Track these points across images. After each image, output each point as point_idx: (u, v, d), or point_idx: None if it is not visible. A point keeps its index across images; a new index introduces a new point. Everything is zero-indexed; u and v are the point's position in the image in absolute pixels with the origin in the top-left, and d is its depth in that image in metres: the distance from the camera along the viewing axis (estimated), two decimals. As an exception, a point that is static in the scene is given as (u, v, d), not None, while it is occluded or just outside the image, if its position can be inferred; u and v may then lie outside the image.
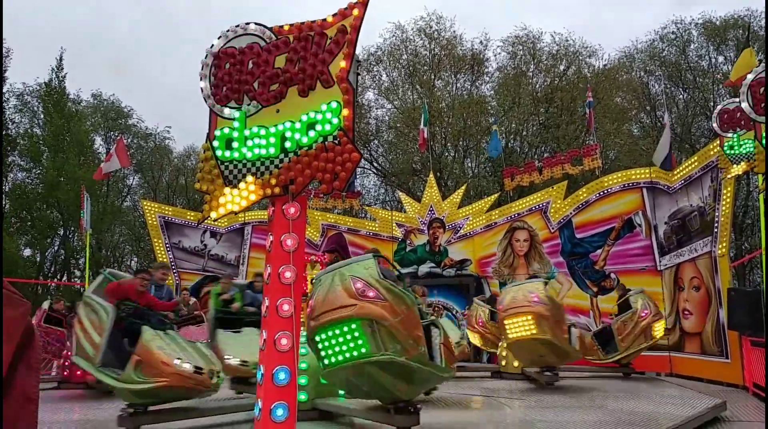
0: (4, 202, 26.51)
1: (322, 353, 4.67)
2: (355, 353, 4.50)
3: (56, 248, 28.77)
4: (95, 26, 49.63)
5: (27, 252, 27.77)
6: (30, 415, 0.89)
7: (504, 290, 9.34)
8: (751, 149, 7.58)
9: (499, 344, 9.93)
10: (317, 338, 4.66)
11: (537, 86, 24.91)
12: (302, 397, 5.38)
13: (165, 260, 13.78)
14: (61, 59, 28.00)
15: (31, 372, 0.91)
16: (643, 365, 10.82)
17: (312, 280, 5.53)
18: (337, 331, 4.54)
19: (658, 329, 9.51)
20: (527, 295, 8.14)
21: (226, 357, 6.46)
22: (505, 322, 8.27)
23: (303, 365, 5.11)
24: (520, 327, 8.04)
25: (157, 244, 14.00)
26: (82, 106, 30.20)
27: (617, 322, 9.65)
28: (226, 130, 4.10)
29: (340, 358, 4.57)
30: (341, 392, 5.71)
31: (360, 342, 4.48)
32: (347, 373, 4.71)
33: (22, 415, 0.87)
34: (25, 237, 26.87)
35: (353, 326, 4.49)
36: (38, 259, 28.05)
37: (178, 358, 5.31)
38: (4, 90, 26.46)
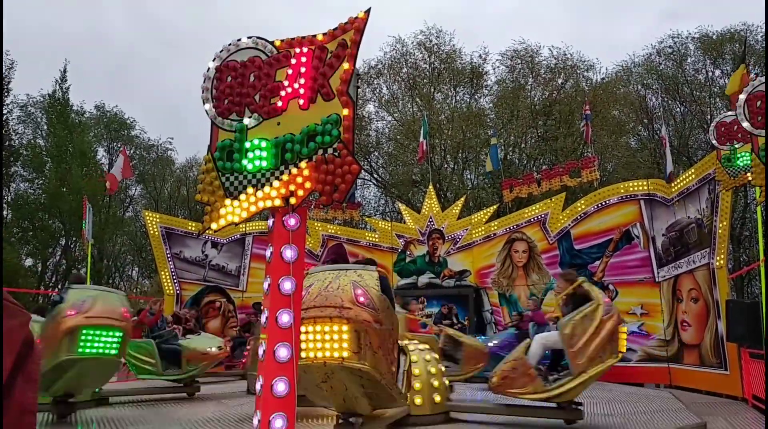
0: (5, 212, 26.58)
1: (302, 345, 4.50)
2: (336, 354, 4.45)
3: (58, 258, 28.80)
4: (94, 38, 50.06)
5: (29, 262, 27.79)
6: (27, 427, 0.89)
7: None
8: (748, 162, 7.65)
9: None
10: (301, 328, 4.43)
11: (535, 99, 25.09)
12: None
13: (166, 270, 13.81)
14: (65, 71, 28.26)
15: (30, 384, 0.90)
16: (643, 377, 10.83)
17: (307, 272, 5.14)
18: (327, 329, 4.50)
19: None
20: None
21: None
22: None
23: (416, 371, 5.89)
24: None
25: (158, 254, 14.03)
26: (85, 117, 30.40)
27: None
28: (227, 142, 4.17)
29: (320, 354, 4.50)
30: None
31: (345, 345, 4.45)
32: (319, 373, 4.60)
33: (18, 426, 0.87)
34: (27, 247, 26.90)
35: (344, 328, 4.46)
36: (39, 268, 28.05)
37: None
38: (8, 101, 26.65)
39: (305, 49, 4.05)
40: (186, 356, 8.79)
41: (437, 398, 6.25)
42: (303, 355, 4.48)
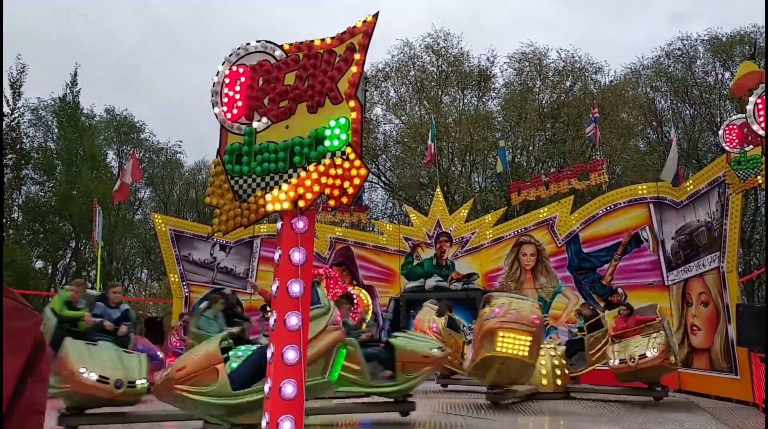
0: (16, 215, 26.84)
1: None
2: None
3: (68, 260, 29.03)
4: (104, 42, 50.54)
5: (39, 264, 28.03)
6: (36, 426, 0.91)
7: (495, 297, 8.56)
8: (759, 165, 7.60)
9: (464, 351, 9.72)
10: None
11: (543, 102, 25.02)
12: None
13: (175, 273, 13.89)
14: (75, 75, 28.52)
15: (40, 384, 0.92)
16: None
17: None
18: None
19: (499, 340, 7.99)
20: (530, 316, 7.86)
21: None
22: (499, 332, 7.69)
23: None
24: (513, 344, 7.66)
25: (167, 256, 14.12)
26: (95, 120, 30.67)
27: (591, 338, 9.60)
28: (237, 146, 4.20)
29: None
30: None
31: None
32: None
33: (27, 425, 0.89)
34: (37, 249, 27.14)
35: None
36: (50, 270, 28.29)
37: (84, 368, 5.79)
38: (20, 104, 26.93)
39: (314, 53, 4.08)
40: (401, 361, 6.65)
41: (559, 382, 9.19)
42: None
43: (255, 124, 4.19)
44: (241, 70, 4.27)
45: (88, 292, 7.56)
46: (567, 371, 9.38)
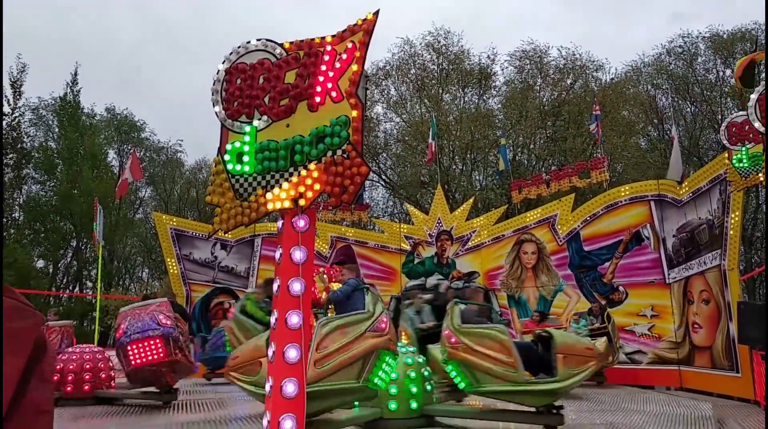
0: (17, 214, 26.85)
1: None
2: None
3: (69, 259, 29.08)
4: (104, 41, 50.54)
5: (40, 263, 28.07)
6: (43, 426, 0.91)
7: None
8: (760, 162, 7.59)
9: None
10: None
11: (544, 100, 25.00)
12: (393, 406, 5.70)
13: (176, 272, 13.89)
14: (75, 74, 28.54)
15: (44, 384, 0.91)
16: (653, 379, 10.75)
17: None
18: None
19: None
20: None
21: None
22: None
23: (393, 375, 5.48)
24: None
25: (167, 255, 14.13)
26: (95, 119, 30.69)
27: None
28: (237, 144, 4.19)
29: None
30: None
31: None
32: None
33: (33, 426, 0.89)
34: (38, 248, 27.19)
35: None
36: (51, 270, 28.33)
37: None
38: (20, 104, 26.95)
39: (314, 51, 4.07)
40: (562, 353, 5.58)
41: None
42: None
43: (255, 123, 4.18)
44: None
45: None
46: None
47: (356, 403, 5.54)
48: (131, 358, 7.25)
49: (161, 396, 7.93)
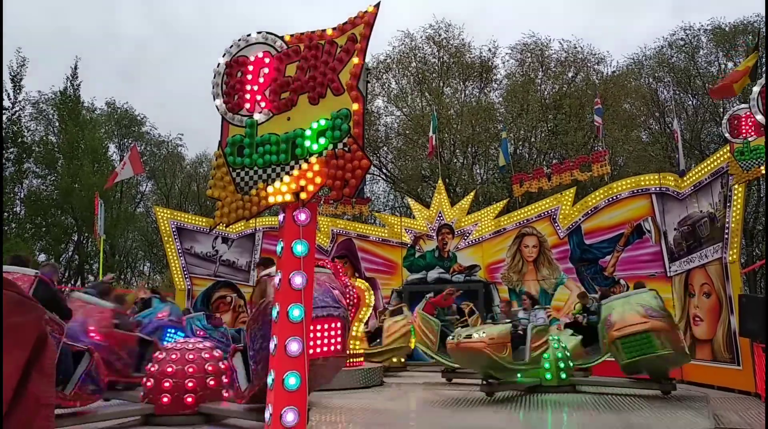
0: (18, 208, 26.87)
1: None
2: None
3: (70, 253, 29.13)
4: (104, 35, 50.39)
5: (42, 257, 28.12)
6: (44, 419, 0.91)
7: (605, 305, 8.36)
8: (762, 155, 7.57)
9: None
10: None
11: (545, 93, 24.91)
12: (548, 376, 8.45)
13: (177, 265, 13.91)
14: (75, 68, 28.46)
15: (44, 377, 0.92)
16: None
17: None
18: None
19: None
20: (639, 310, 7.69)
21: None
22: (621, 342, 7.69)
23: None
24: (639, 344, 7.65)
25: (169, 249, 14.15)
26: (96, 113, 30.64)
27: (534, 330, 9.08)
28: (238, 138, 4.18)
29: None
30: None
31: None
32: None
33: (35, 419, 0.89)
34: (40, 242, 27.22)
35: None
36: (52, 264, 28.35)
37: None
38: (21, 98, 26.90)
39: (315, 44, 4.05)
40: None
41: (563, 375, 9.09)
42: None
43: (256, 116, 4.17)
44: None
45: None
46: (572, 364, 8.91)
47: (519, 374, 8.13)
48: None
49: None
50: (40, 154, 27.51)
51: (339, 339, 5.50)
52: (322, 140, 3.89)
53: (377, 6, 3.87)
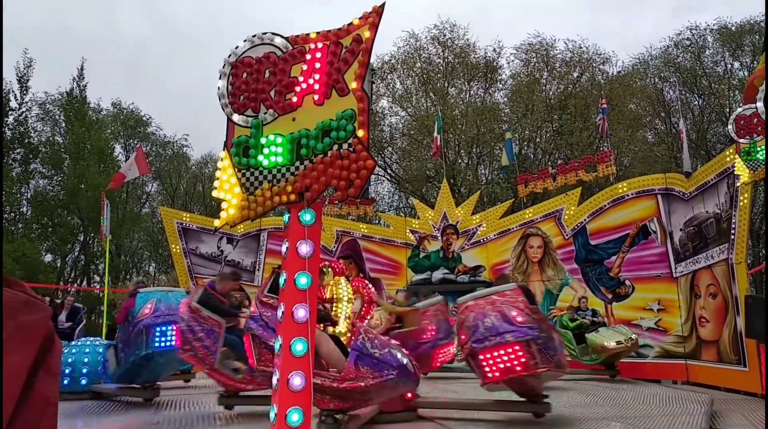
0: (25, 209, 27.03)
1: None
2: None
3: (77, 254, 29.29)
4: (110, 36, 50.62)
5: (48, 257, 28.28)
6: (50, 418, 0.92)
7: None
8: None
9: None
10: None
11: (550, 93, 24.87)
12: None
13: (182, 266, 13.96)
14: (82, 69, 28.62)
15: (51, 376, 0.93)
16: (659, 373, 10.73)
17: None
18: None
19: None
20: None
21: None
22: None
23: None
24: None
25: (174, 250, 14.20)
26: (102, 114, 30.79)
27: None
28: (243, 138, 4.20)
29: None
30: None
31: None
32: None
33: (42, 418, 0.90)
34: (46, 243, 27.38)
35: None
36: (59, 264, 28.53)
37: None
38: (27, 99, 27.07)
39: (320, 45, 4.06)
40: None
41: None
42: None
43: (261, 117, 4.18)
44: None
45: None
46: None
47: None
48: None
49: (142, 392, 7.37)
50: (46, 155, 27.67)
51: (522, 360, 5.43)
52: (326, 140, 3.90)
53: (382, 6, 3.88)
